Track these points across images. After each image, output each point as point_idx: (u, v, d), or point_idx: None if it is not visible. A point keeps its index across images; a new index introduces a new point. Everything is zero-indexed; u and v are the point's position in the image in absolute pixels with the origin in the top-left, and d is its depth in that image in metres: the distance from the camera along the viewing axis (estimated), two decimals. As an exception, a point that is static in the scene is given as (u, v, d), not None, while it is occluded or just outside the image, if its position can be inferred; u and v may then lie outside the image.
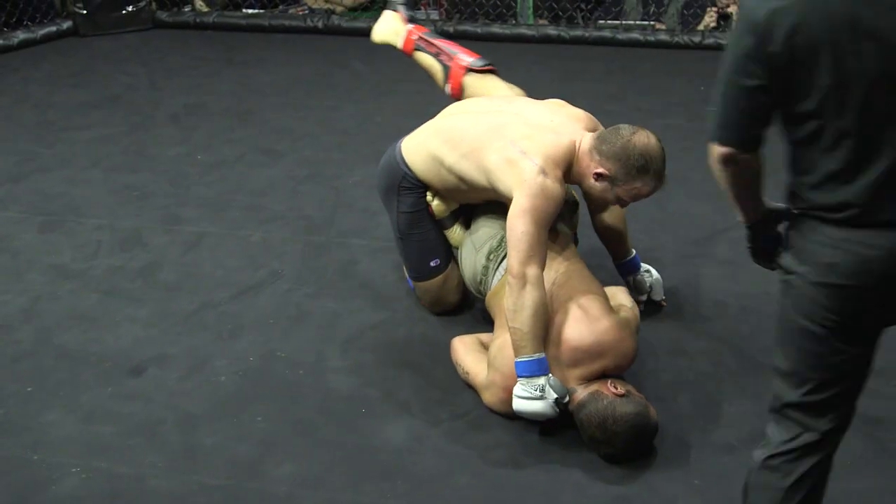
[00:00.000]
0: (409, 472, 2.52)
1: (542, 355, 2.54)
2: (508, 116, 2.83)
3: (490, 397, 2.69)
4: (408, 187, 3.00)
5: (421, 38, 3.34)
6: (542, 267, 2.60)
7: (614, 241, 3.12)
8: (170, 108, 5.08)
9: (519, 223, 2.58)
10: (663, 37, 5.86)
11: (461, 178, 2.85)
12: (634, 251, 3.15)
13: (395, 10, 3.45)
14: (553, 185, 2.62)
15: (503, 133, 2.75)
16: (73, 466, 2.53)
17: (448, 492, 2.45)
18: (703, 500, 2.41)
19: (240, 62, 5.79)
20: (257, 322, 3.19)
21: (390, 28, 3.42)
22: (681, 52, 5.78)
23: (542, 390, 2.51)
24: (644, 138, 2.63)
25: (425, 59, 3.32)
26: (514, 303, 2.55)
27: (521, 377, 2.53)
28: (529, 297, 2.54)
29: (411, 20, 3.44)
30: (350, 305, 3.28)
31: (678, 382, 2.86)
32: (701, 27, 5.87)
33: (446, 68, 3.25)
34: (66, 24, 6.27)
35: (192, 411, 2.75)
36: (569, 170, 2.71)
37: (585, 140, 2.71)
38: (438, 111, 3.24)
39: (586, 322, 2.59)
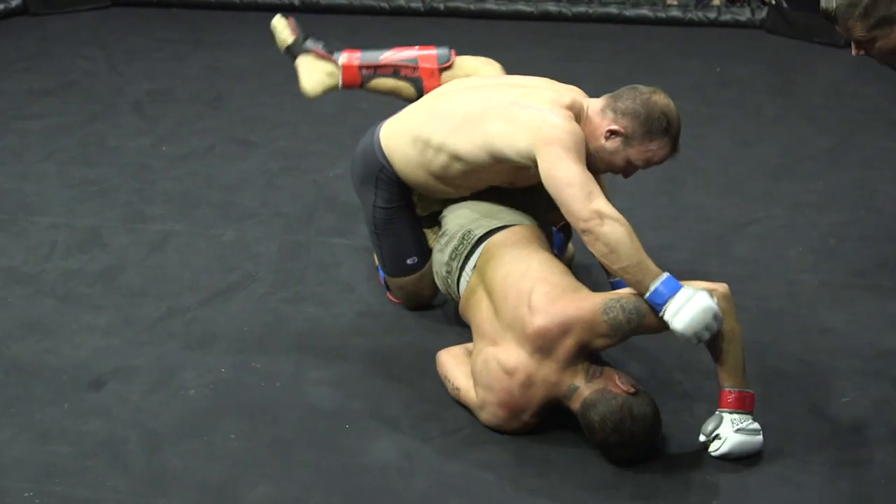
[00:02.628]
0: (398, 494, 2.52)
1: (665, 273, 2.53)
2: (499, 86, 2.87)
3: (488, 417, 2.69)
4: (385, 180, 3.00)
5: (362, 64, 3.21)
6: (605, 198, 2.58)
7: None
8: (132, 95, 5.07)
9: (558, 171, 2.60)
10: (675, 13, 5.87)
11: (454, 157, 2.82)
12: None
13: (306, 53, 3.27)
14: (568, 122, 2.66)
15: (498, 99, 2.78)
16: (26, 491, 2.52)
17: (441, 516, 2.45)
18: (722, 523, 2.43)
19: (209, 44, 5.78)
20: (229, 330, 3.19)
21: (319, 72, 3.26)
22: (694, 31, 5.80)
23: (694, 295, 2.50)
24: (664, 98, 2.72)
25: (383, 83, 3.22)
26: (604, 246, 2.54)
27: (665, 304, 2.50)
28: (614, 231, 2.53)
29: (330, 50, 3.27)
30: (332, 311, 3.28)
31: (693, 395, 2.86)
32: (716, 3, 5.88)
33: (417, 81, 3.17)
34: (15, 2, 6.24)
35: (158, 429, 2.74)
36: None
37: (594, 101, 2.78)
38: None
39: (544, 308, 2.57)
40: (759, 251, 3.53)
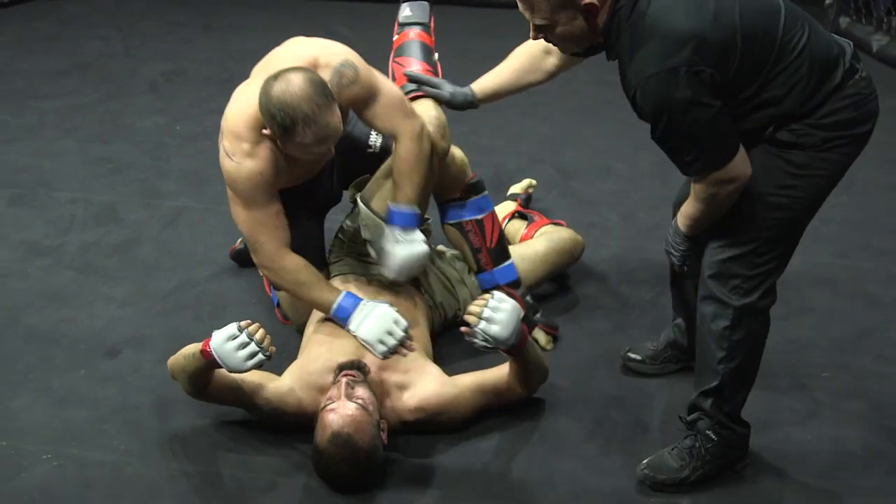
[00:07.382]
0: (388, 482, 2.51)
1: (343, 292, 2.69)
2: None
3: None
4: None
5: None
6: (278, 244, 2.64)
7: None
8: (146, 76, 5.06)
9: (234, 215, 2.66)
10: (669, 3, 5.84)
11: None
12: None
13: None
14: (237, 165, 2.55)
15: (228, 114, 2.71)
16: (45, 453, 2.54)
17: None
18: None
19: (218, 28, 5.77)
20: (239, 302, 3.20)
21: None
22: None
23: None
24: (281, 86, 2.43)
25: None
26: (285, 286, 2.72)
27: (348, 318, 2.65)
28: (289, 276, 2.68)
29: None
30: (337, 285, 3.28)
31: (677, 381, 2.86)
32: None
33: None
34: (35, -14, 6.23)
35: (170, 396, 2.75)
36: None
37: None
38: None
39: None
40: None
